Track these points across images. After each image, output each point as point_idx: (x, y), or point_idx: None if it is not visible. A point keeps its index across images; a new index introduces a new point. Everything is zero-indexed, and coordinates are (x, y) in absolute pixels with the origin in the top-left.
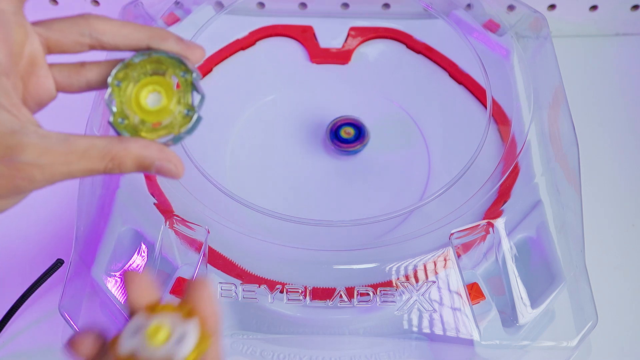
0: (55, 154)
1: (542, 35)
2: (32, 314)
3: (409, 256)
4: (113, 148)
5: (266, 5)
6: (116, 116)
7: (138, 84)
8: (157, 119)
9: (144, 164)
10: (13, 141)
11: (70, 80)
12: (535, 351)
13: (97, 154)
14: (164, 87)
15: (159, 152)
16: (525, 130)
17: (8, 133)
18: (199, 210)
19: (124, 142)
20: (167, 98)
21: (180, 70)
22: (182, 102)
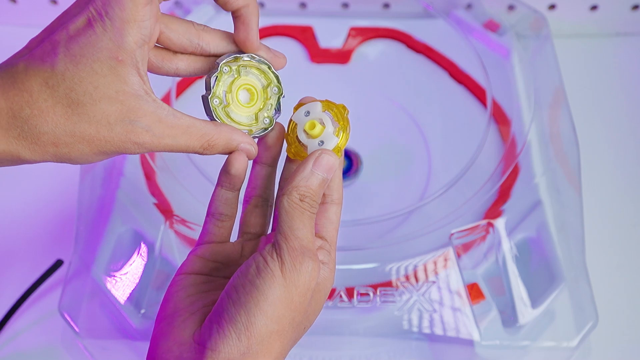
0: (165, 125)
1: (542, 35)
2: (32, 314)
3: (409, 256)
4: (210, 130)
5: (266, 5)
6: (213, 96)
7: (239, 78)
8: (243, 114)
9: (231, 146)
10: (136, 104)
11: (163, 64)
12: (536, 351)
13: (197, 133)
14: (256, 92)
15: (243, 136)
16: (526, 130)
17: (134, 96)
18: (199, 210)
19: (218, 126)
20: (257, 101)
21: (275, 86)
22: (267, 111)
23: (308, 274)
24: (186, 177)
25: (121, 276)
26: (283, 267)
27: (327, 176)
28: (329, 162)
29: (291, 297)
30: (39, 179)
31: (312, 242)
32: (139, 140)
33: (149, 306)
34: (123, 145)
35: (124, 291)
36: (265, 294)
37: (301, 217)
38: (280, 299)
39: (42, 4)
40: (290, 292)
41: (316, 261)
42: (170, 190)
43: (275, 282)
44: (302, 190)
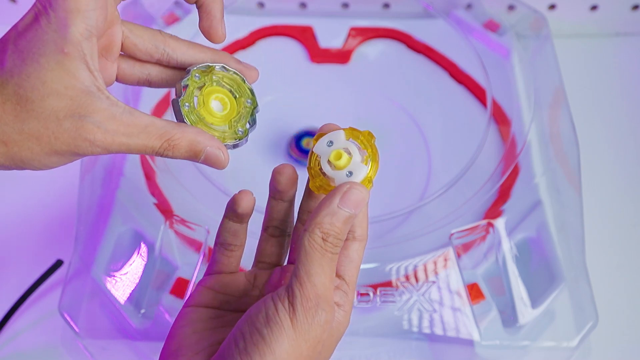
0: (120, 122)
1: (542, 35)
2: (32, 314)
3: (409, 256)
4: (171, 130)
5: (266, 5)
6: (184, 100)
7: (211, 86)
8: (214, 123)
9: (196, 149)
10: (87, 101)
11: (133, 70)
12: (536, 351)
13: (156, 132)
14: (228, 101)
15: (210, 140)
16: (526, 130)
17: (85, 92)
18: (199, 210)
19: (181, 126)
20: (230, 111)
21: (249, 98)
22: (240, 122)
23: (320, 327)
24: (186, 177)
25: (121, 276)
26: (294, 317)
27: (355, 212)
28: (359, 197)
29: (300, 351)
30: (39, 179)
31: (330, 289)
32: (91, 137)
33: (149, 306)
34: (74, 143)
35: (124, 291)
36: (272, 347)
37: (321, 260)
38: (288, 353)
39: None
40: (299, 345)
41: (331, 312)
42: (170, 190)
43: (283, 334)
44: (326, 228)
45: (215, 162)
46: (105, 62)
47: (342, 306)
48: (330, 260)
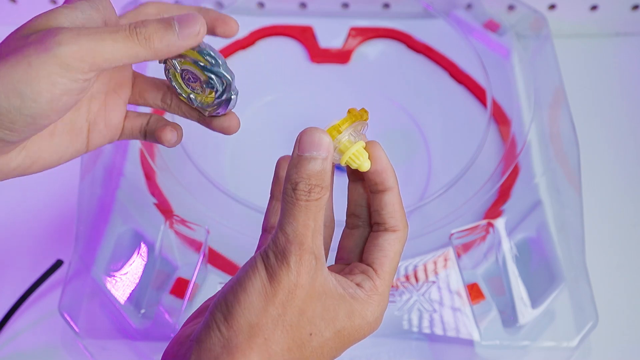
0: (87, 33)
1: (542, 35)
2: (32, 314)
3: (409, 256)
4: (136, 25)
5: (266, 5)
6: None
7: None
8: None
9: (166, 20)
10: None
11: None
12: (536, 351)
13: (124, 30)
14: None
15: (178, 10)
16: (526, 130)
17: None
18: (199, 210)
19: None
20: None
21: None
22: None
23: (291, 269)
24: (186, 177)
25: (121, 276)
26: (267, 262)
27: (318, 154)
28: (313, 138)
29: (274, 292)
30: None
31: (305, 235)
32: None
33: (149, 306)
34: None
35: (124, 291)
36: (244, 285)
37: (292, 209)
38: (259, 292)
39: (42, 4)
40: (273, 287)
41: (303, 255)
42: (170, 190)
43: (255, 274)
44: (292, 178)
45: (190, 27)
46: (117, 98)
47: (363, 287)
48: (304, 207)
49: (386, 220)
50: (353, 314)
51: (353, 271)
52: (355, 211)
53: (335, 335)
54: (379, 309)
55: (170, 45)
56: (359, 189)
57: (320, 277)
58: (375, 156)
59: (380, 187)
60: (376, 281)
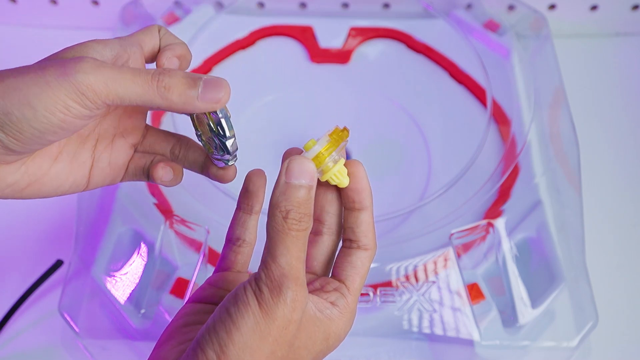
0: (109, 68)
1: (542, 35)
2: (32, 314)
3: (409, 256)
4: (162, 72)
5: (266, 5)
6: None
7: None
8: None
9: (193, 77)
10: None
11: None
12: (536, 351)
13: (147, 74)
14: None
15: (204, 74)
16: (526, 130)
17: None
18: (199, 210)
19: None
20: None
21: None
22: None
23: (287, 305)
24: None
25: (121, 276)
26: (260, 296)
27: (306, 182)
28: (300, 167)
29: (268, 330)
30: None
31: (297, 268)
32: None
33: (149, 306)
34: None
35: (124, 291)
36: (238, 324)
37: (284, 239)
38: (254, 331)
39: (42, 4)
40: (267, 324)
41: (299, 291)
42: (170, 190)
43: (249, 311)
44: (283, 206)
45: (216, 86)
46: (125, 142)
47: (337, 306)
48: (295, 238)
49: (360, 238)
50: (329, 336)
51: (325, 288)
52: (321, 217)
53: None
54: (349, 325)
55: (187, 103)
56: (328, 195)
57: (307, 307)
58: (357, 175)
59: (357, 205)
60: (348, 298)
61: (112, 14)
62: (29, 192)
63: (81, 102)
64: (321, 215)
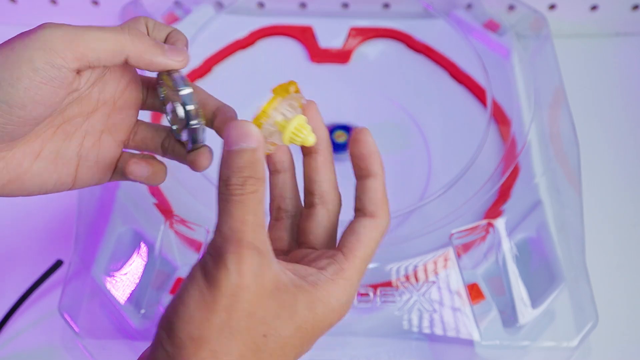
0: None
1: (542, 35)
2: (32, 314)
3: (409, 256)
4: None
5: (266, 5)
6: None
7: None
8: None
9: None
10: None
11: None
12: (536, 351)
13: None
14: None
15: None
16: (526, 130)
17: None
18: (199, 210)
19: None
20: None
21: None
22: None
23: (230, 271)
24: (186, 177)
25: (121, 276)
26: (205, 267)
27: (249, 145)
28: (237, 131)
29: (214, 299)
30: None
31: (242, 231)
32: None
33: (149, 306)
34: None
35: (124, 291)
36: (182, 298)
37: (225, 206)
38: (197, 302)
39: (42, 4)
40: (211, 293)
41: (245, 254)
42: (170, 190)
43: (193, 284)
44: (223, 174)
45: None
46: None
47: (326, 271)
48: (239, 202)
49: (365, 205)
50: (314, 304)
51: (320, 257)
52: (310, 188)
53: (296, 331)
54: (344, 295)
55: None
56: (312, 162)
57: (269, 272)
58: (362, 140)
59: (365, 172)
60: (343, 264)
61: (112, 14)
62: (10, 190)
63: (48, 60)
64: (310, 186)
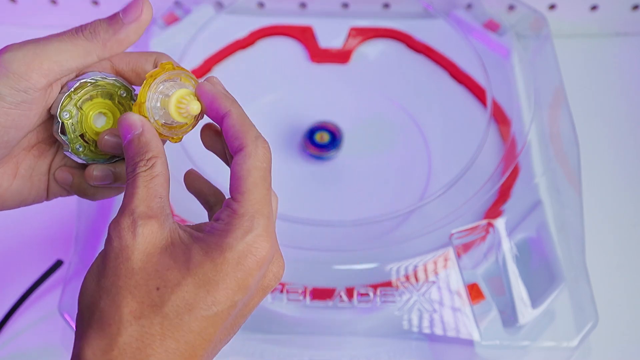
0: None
1: (542, 35)
2: (32, 314)
3: (409, 256)
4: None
5: (266, 5)
6: (73, 144)
7: (91, 101)
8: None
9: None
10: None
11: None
12: (536, 351)
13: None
14: (107, 108)
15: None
16: (526, 130)
17: None
18: (199, 211)
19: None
20: (114, 117)
21: (121, 90)
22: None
23: (111, 238)
24: None
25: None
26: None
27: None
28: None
29: (104, 265)
30: None
31: (129, 203)
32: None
33: None
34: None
35: None
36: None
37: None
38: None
39: (42, 4)
40: (103, 261)
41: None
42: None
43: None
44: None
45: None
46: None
47: (221, 219)
48: (132, 182)
49: (231, 146)
50: (210, 248)
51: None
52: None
53: (194, 280)
54: (245, 235)
55: (116, 34)
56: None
57: (160, 233)
58: (200, 88)
59: (218, 118)
60: (233, 205)
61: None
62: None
63: (13, 85)
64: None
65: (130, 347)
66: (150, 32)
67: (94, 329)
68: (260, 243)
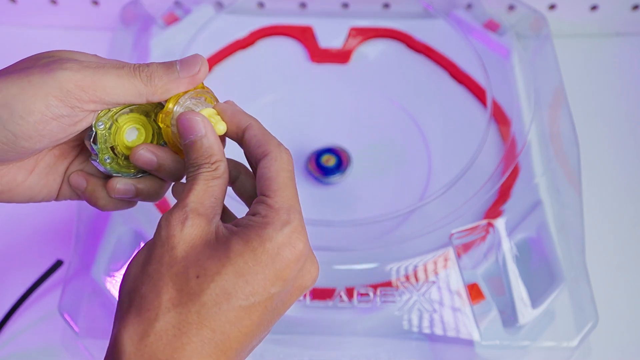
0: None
1: (542, 35)
2: (32, 314)
3: (409, 256)
4: (139, 65)
5: (266, 5)
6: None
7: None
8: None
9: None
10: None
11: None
12: (536, 351)
13: (128, 67)
14: (141, 124)
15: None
16: (526, 130)
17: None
18: None
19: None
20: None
21: (157, 108)
22: (158, 138)
23: (161, 228)
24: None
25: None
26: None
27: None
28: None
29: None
30: None
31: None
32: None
33: None
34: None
35: None
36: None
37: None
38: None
39: (42, 4)
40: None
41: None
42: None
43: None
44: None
45: (192, 62)
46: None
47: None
48: (190, 180)
49: (254, 153)
50: (250, 238)
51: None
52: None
53: (234, 269)
54: (283, 227)
55: (170, 83)
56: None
57: (207, 227)
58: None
59: (240, 133)
60: (268, 201)
61: (112, 14)
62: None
63: (64, 100)
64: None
65: (167, 334)
66: (150, 32)
67: (132, 314)
68: (297, 236)
